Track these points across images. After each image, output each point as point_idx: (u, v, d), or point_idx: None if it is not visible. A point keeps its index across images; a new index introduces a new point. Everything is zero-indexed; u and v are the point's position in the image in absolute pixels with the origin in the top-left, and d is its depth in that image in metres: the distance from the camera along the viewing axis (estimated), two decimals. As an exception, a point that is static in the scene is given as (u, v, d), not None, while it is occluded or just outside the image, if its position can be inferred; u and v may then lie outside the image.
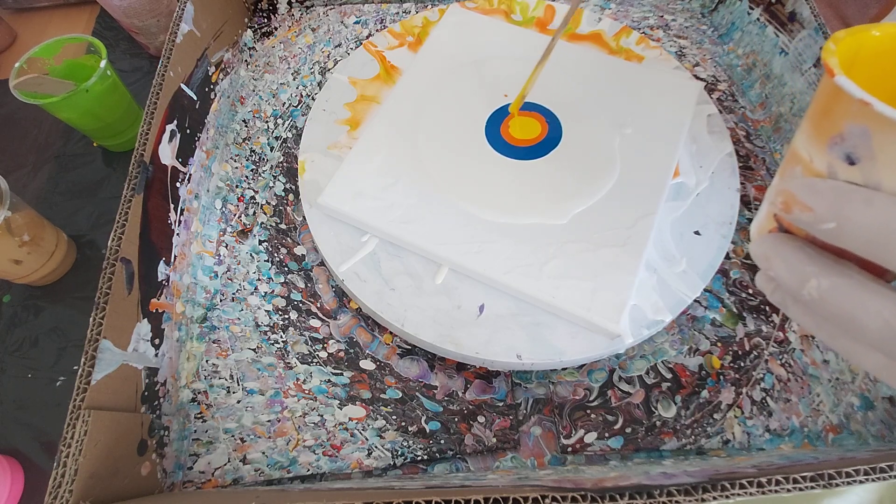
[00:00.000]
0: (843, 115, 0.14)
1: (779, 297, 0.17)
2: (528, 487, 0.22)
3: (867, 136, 0.13)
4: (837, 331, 0.16)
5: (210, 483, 0.31)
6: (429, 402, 0.33)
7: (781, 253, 0.16)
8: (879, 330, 0.14)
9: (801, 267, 0.15)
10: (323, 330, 0.35)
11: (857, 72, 0.15)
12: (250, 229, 0.39)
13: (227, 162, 0.42)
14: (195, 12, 0.39)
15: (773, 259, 0.16)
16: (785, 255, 0.16)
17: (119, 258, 0.28)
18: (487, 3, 0.47)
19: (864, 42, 0.15)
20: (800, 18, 0.41)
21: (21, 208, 0.36)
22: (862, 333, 0.15)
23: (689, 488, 0.21)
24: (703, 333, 0.35)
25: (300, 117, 0.45)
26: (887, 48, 0.15)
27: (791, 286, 0.16)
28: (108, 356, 0.26)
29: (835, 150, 0.14)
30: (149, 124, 0.32)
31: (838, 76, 0.14)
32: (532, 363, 0.31)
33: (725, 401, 0.33)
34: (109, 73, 0.41)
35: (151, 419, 0.29)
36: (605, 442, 0.32)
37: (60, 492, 0.22)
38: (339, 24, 0.50)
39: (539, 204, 0.35)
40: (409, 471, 0.31)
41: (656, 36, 0.50)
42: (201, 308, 0.36)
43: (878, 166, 0.13)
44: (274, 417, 0.32)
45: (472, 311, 0.32)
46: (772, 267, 0.16)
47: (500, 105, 0.39)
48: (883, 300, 0.14)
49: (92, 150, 0.47)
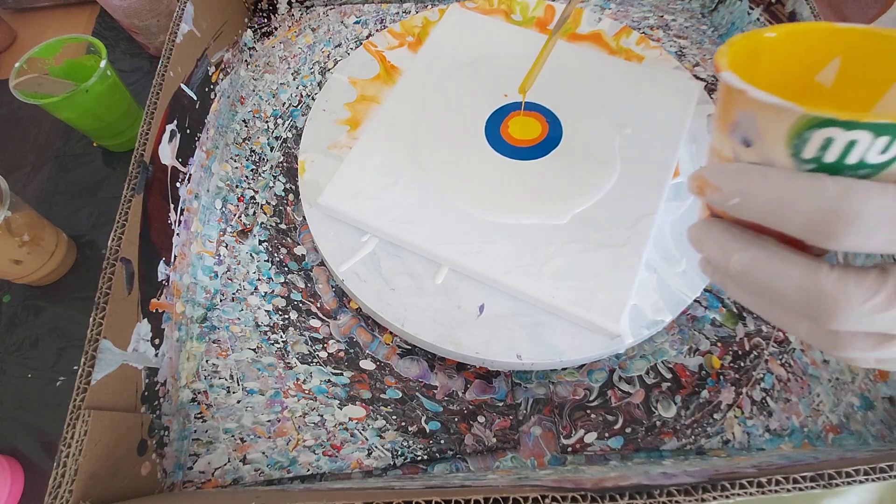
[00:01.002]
0: (734, 104, 0.16)
1: (718, 277, 0.19)
2: (528, 487, 0.22)
3: (753, 119, 0.15)
4: (766, 302, 0.17)
5: (210, 483, 0.31)
6: (429, 402, 0.33)
7: (710, 234, 0.17)
8: (795, 294, 0.16)
9: (726, 244, 0.17)
10: (323, 330, 0.35)
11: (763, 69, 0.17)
12: (250, 229, 0.39)
13: (227, 162, 0.42)
14: (195, 12, 0.39)
15: (704, 240, 0.18)
16: (713, 235, 0.17)
17: (119, 258, 0.28)
18: (487, 3, 0.47)
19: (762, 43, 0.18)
20: (800, 18, 0.41)
21: (21, 208, 0.36)
22: (782, 300, 0.16)
23: (689, 488, 0.21)
24: (703, 333, 0.35)
25: (300, 117, 0.45)
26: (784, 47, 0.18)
27: (720, 263, 0.17)
28: (108, 356, 0.26)
29: (734, 136, 0.16)
30: (149, 124, 0.32)
31: (723, 72, 0.16)
32: (532, 363, 0.31)
33: (725, 401, 0.33)
34: (109, 73, 0.41)
35: (151, 419, 0.29)
36: (605, 442, 0.32)
37: (60, 492, 0.22)
38: (339, 24, 0.50)
39: (539, 204, 0.35)
40: (409, 471, 0.31)
41: (656, 36, 0.50)
42: (201, 308, 0.36)
43: (767, 145, 0.15)
44: (274, 417, 0.32)
45: (472, 311, 0.32)
46: (703, 248, 0.18)
47: (500, 105, 0.39)
48: (795, 266, 0.15)
49: (92, 150, 0.47)
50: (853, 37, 0.17)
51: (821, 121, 0.14)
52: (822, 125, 0.14)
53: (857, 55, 0.17)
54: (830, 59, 0.17)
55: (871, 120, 0.13)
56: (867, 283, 0.15)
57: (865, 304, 0.15)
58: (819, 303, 0.15)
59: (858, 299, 0.15)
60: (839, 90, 0.18)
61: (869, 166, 0.14)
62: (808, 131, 0.14)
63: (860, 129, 0.14)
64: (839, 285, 0.15)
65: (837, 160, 0.14)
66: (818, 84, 0.18)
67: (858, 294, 0.15)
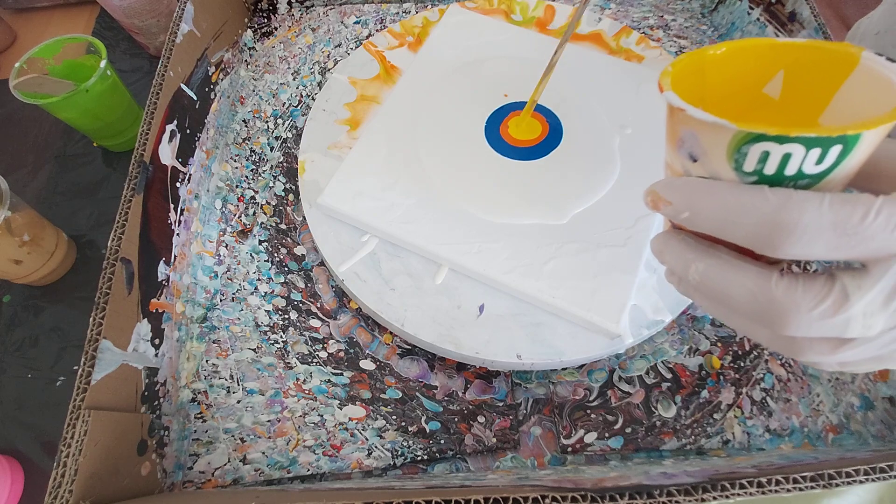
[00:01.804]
0: (678, 122, 0.16)
1: (682, 287, 0.19)
2: (528, 487, 0.22)
3: (696, 136, 0.16)
4: (727, 311, 0.18)
5: (210, 483, 0.31)
6: (429, 402, 0.33)
7: (669, 245, 0.18)
8: (748, 302, 0.16)
9: (683, 255, 0.17)
10: (323, 330, 0.35)
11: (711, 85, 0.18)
12: (250, 229, 0.39)
13: (227, 162, 0.42)
14: (195, 12, 0.39)
15: (664, 252, 0.18)
16: (672, 246, 0.18)
17: (119, 258, 0.28)
18: (487, 3, 0.47)
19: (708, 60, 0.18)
20: (800, 18, 0.41)
21: (21, 208, 0.36)
22: (738, 308, 0.16)
23: (689, 488, 0.21)
24: (703, 333, 0.35)
25: (300, 117, 0.45)
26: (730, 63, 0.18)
27: (679, 273, 0.18)
28: (108, 356, 0.26)
29: (681, 152, 0.17)
30: (149, 124, 0.32)
31: (665, 91, 0.16)
32: (532, 363, 0.31)
33: (725, 401, 0.33)
34: (109, 73, 0.41)
35: (151, 419, 0.29)
36: (605, 442, 0.32)
37: (60, 492, 0.22)
38: (339, 24, 0.50)
39: (539, 204, 0.35)
40: (409, 471, 0.31)
41: (656, 36, 0.50)
42: (201, 308, 0.36)
43: (711, 160, 0.16)
44: (274, 417, 0.32)
45: (472, 311, 0.32)
46: (664, 259, 0.18)
47: (499, 105, 0.39)
48: (746, 274, 0.16)
49: (92, 150, 0.47)
50: (793, 51, 0.17)
51: (754, 136, 0.14)
52: (756, 140, 0.14)
53: (799, 68, 0.18)
54: (775, 73, 0.18)
55: (799, 133, 0.14)
56: (814, 290, 0.15)
57: (813, 310, 0.15)
58: (770, 310, 0.16)
59: (806, 306, 0.15)
60: (786, 102, 0.18)
61: (808, 176, 0.15)
62: (745, 146, 0.15)
63: (792, 143, 0.14)
64: (788, 293, 0.15)
65: (777, 172, 0.15)
66: (766, 96, 0.18)
67: (806, 301, 0.15)
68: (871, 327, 0.15)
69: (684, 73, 0.18)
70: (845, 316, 0.15)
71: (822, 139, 0.14)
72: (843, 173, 0.15)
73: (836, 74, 0.17)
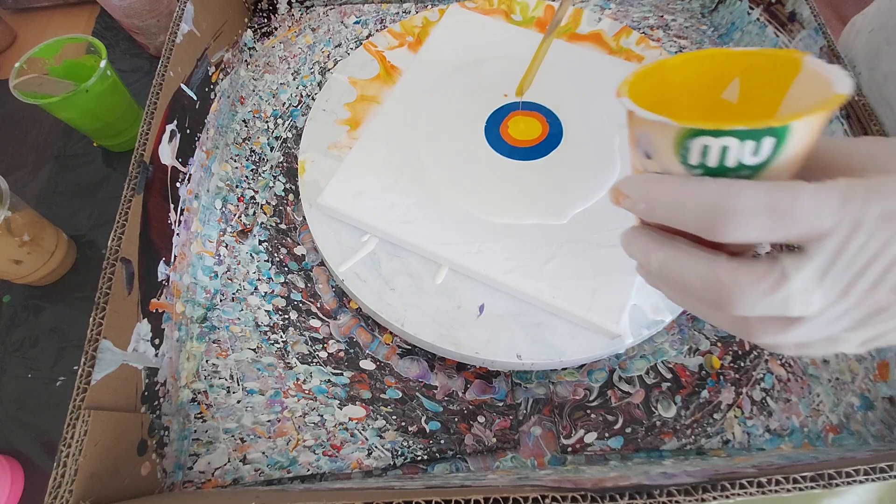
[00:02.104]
0: (634, 124, 0.18)
1: (650, 279, 0.20)
2: (528, 487, 0.22)
3: (648, 135, 0.17)
4: (688, 297, 0.19)
5: (210, 483, 0.31)
6: (429, 402, 0.33)
7: (634, 238, 0.20)
8: (700, 286, 0.17)
9: (645, 246, 0.19)
10: (323, 330, 0.35)
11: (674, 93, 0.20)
12: (250, 229, 0.39)
13: (227, 162, 0.42)
14: (195, 12, 0.39)
15: (630, 245, 0.20)
16: (636, 239, 0.20)
17: (119, 258, 0.28)
18: (487, 3, 0.47)
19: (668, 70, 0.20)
20: (800, 18, 0.41)
21: (21, 208, 0.36)
22: (694, 292, 0.18)
23: (689, 488, 0.21)
24: (703, 333, 0.35)
25: (300, 117, 0.45)
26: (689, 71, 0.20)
27: (643, 264, 0.19)
28: (108, 356, 0.26)
29: (639, 150, 0.19)
30: (149, 124, 0.32)
31: (620, 97, 0.18)
32: (532, 363, 0.31)
33: (725, 401, 0.33)
34: (109, 73, 0.41)
35: (151, 419, 0.29)
36: (605, 442, 0.32)
37: (60, 492, 0.22)
38: (339, 24, 0.50)
39: (539, 204, 0.35)
40: (409, 471, 0.31)
41: (656, 36, 0.50)
42: (201, 308, 0.36)
43: (661, 156, 0.17)
44: (274, 417, 0.32)
45: (472, 311, 0.32)
46: (630, 252, 0.20)
47: (499, 105, 0.39)
48: (698, 260, 0.17)
49: (92, 150, 0.47)
50: (745, 58, 0.19)
51: (693, 131, 0.16)
52: (695, 135, 0.16)
53: (753, 74, 0.19)
54: (731, 80, 0.20)
55: (730, 127, 0.15)
56: (757, 271, 0.16)
57: (755, 288, 0.16)
58: (719, 291, 0.17)
59: (749, 285, 0.16)
60: (743, 105, 0.20)
61: (749, 168, 0.16)
62: (687, 140, 0.16)
63: (726, 136, 0.15)
64: (733, 274, 0.16)
65: (719, 164, 0.16)
66: (726, 101, 0.20)
67: (749, 280, 0.16)
68: (810, 303, 0.16)
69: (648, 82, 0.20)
70: (785, 293, 0.16)
71: (751, 131, 0.15)
72: (783, 164, 0.16)
73: (785, 78, 0.18)
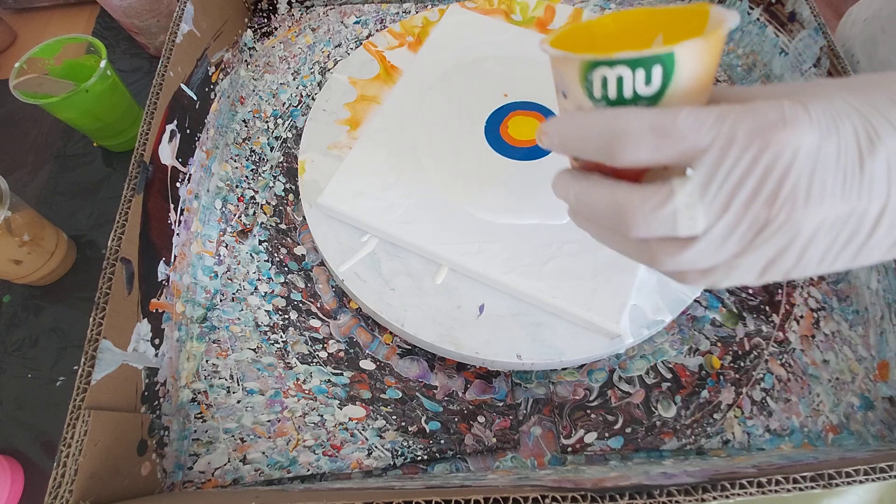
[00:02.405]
0: (553, 68, 0.20)
1: (577, 219, 0.22)
2: (528, 487, 0.22)
3: (561, 74, 0.19)
4: (600, 228, 0.20)
5: (210, 483, 0.31)
6: (429, 402, 0.33)
7: (559, 179, 0.21)
8: (605, 211, 0.19)
9: (566, 183, 0.21)
10: (323, 330, 0.35)
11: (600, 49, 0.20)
12: (250, 229, 0.39)
13: (227, 162, 0.42)
14: (195, 12, 0.39)
15: (556, 185, 0.21)
16: (560, 179, 0.21)
17: (119, 258, 0.28)
18: (487, 3, 0.47)
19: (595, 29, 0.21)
20: (800, 18, 0.41)
21: (21, 208, 0.36)
22: (602, 219, 0.19)
23: (689, 488, 0.21)
24: (703, 333, 0.35)
25: (300, 117, 0.45)
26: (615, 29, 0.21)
27: (565, 200, 0.21)
28: (108, 356, 0.26)
29: (559, 92, 0.20)
30: (149, 124, 0.32)
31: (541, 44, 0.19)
32: (532, 363, 0.31)
33: (725, 401, 0.33)
34: (109, 73, 0.41)
35: (151, 419, 0.29)
36: (605, 442, 0.32)
37: (60, 492, 0.22)
38: (339, 24, 0.50)
39: (539, 204, 0.35)
40: (409, 471, 0.31)
41: (656, 36, 0.50)
42: (201, 308, 0.36)
43: (572, 94, 0.19)
44: (274, 417, 0.32)
45: (472, 311, 0.32)
46: (556, 192, 0.21)
47: (499, 105, 0.39)
48: (604, 188, 0.19)
49: (92, 150, 0.47)
50: (665, 15, 0.20)
51: (591, 63, 0.17)
52: (594, 66, 0.17)
53: (672, 29, 0.20)
54: (655, 36, 0.21)
55: (620, 55, 0.16)
56: (648, 190, 0.17)
57: (644, 205, 0.17)
58: (617, 213, 0.18)
59: (640, 203, 0.17)
60: None
61: (645, 98, 0.17)
62: (589, 73, 0.17)
63: (618, 65, 0.17)
64: (629, 195, 0.18)
65: (618, 96, 0.17)
66: None
67: (640, 199, 0.17)
68: (695, 218, 0.17)
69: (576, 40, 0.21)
70: (671, 209, 0.17)
71: (640, 59, 0.16)
72: (676, 95, 0.17)
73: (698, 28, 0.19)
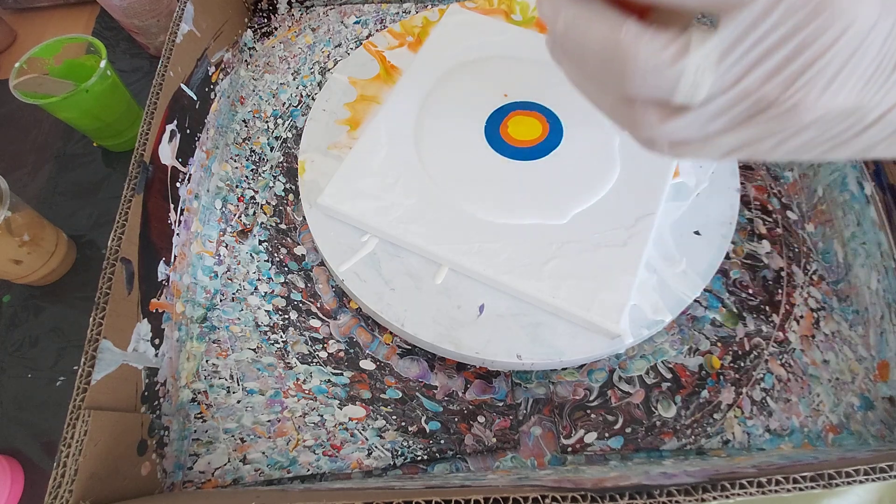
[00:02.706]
0: None
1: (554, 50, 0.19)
2: (528, 487, 0.22)
3: None
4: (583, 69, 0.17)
5: (210, 483, 0.31)
6: (429, 402, 0.33)
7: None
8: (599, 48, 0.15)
9: (557, 3, 0.17)
10: (323, 330, 0.35)
11: None
12: (250, 229, 0.39)
13: (227, 162, 0.42)
14: (195, 12, 0.39)
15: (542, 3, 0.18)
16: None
17: (119, 258, 0.28)
18: (487, 3, 0.47)
19: None
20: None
21: (21, 208, 0.36)
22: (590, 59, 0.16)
23: (689, 488, 0.21)
24: (703, 333, 0.35)
25: (300, 117, 0.45)
26: None
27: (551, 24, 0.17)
28: (108, 356, 0.26)
29: None
30: (149, 124, 0.32)
31: None
32: (532, 363, 0.31)
33: (725, 401, 0.33)
34: (109, 73, 0.41)
35: (151, 419, 0.29)
36: (605, 442, 0.32)
37: (60, 492, 0.22)
38: (339, 24, 0.50)
39: (539, 204, 0.35)
40: (409, 471, 0.31)
41: (656, 36, 0.50)
42: (201, 308, 0.36)
43: None
44: (274, 417, 0.32)
45: (472, 311, 0.32)
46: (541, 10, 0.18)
47: (499, 105, 0.39)
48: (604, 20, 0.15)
49: (92, 150, 0.47)
50: None
51: None
52: None
53: None
54: None
55: None
56: (661, 38, 0.14)
57: (651, 56, 0.14)
58: (615, 56, 0.15)
59: (646, 53, 0.15)
60: None
61: None
62: None
63: None
64: (634, 38, 0.15)
65: None
66: None
67: (649, 47, 0.14)
68: (699, 86, 0.14)
69: None
70: (679, 67, 0.14)
71: None
72: None
73: None
